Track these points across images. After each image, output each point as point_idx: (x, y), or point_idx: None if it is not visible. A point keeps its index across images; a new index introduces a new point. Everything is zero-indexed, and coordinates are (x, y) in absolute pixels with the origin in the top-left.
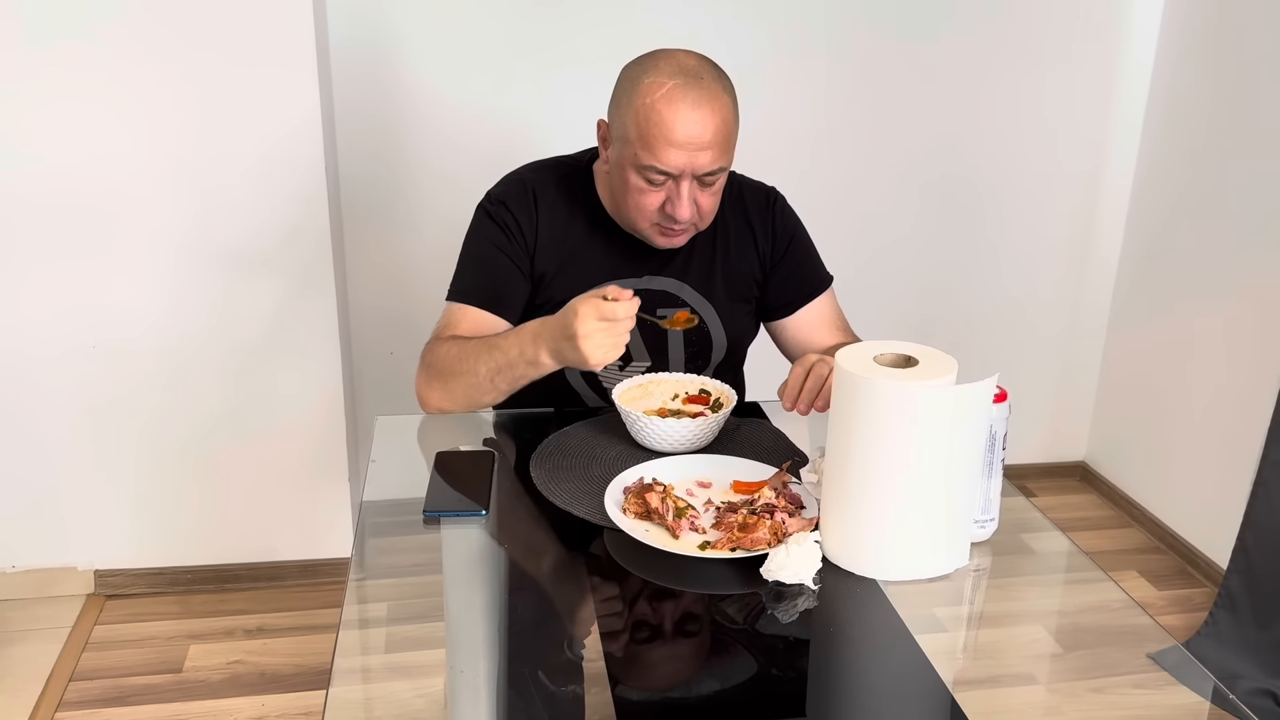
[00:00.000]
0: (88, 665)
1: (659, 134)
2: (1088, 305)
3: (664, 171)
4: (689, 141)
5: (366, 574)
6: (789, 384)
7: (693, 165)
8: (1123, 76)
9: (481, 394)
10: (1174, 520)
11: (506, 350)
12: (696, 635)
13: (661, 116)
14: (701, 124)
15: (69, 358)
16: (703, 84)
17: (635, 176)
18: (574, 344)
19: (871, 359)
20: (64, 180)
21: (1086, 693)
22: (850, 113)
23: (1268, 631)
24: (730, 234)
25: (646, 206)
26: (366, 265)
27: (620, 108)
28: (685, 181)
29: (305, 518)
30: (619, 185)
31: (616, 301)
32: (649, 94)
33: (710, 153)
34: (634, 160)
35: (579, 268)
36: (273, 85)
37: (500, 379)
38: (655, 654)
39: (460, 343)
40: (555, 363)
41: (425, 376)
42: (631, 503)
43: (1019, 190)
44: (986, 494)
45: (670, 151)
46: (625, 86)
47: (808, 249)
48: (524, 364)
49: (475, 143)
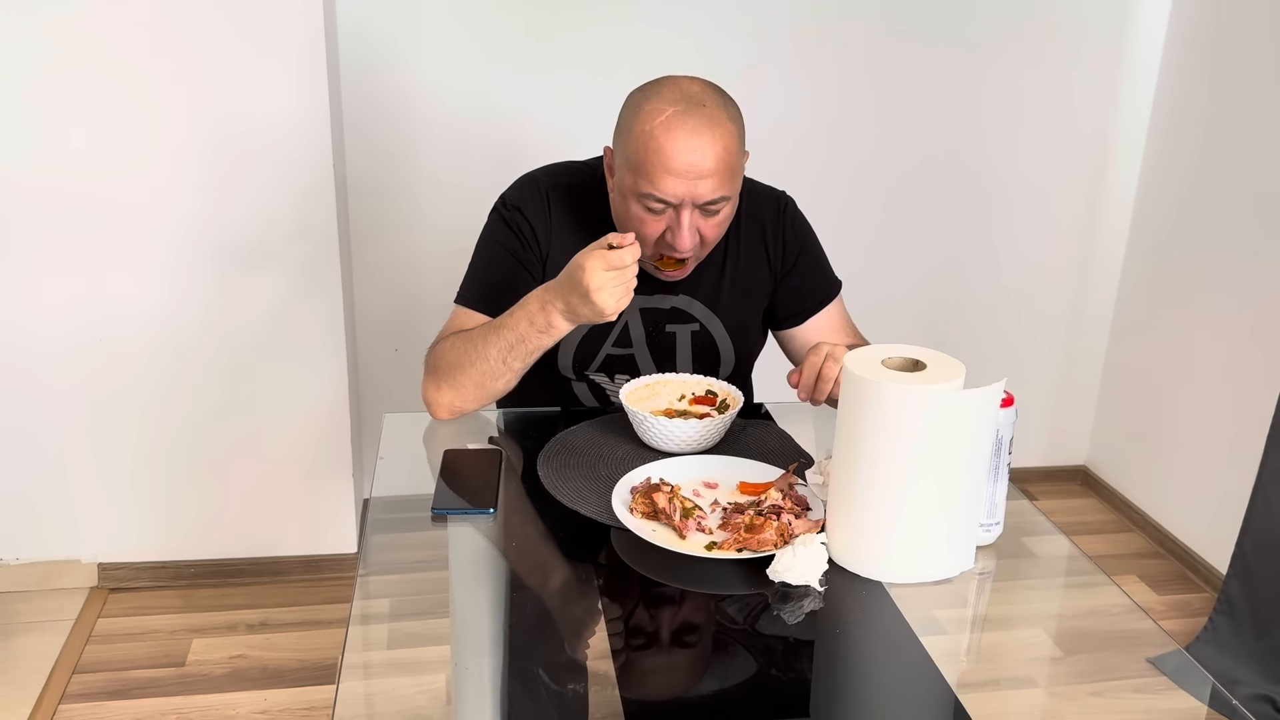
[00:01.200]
0: (91, 658)
1: (657, 162)
2: (1090, 310)
3: (663, 200)
4: (688, 170)
5: (372, 570)
6: (804, 373)
7: (693, 194)
8: (1127, 81)
9: (494, 379)
10: (1174, 525)
11: (515, 326)
12: (702, 635)
13: (660, 144)
14: (701, 151)
15: (74, 351)
16: (704, 111)
17: (636, 205)
18: (587, 298)
19: (879, 362)
20: (69, 174)
21: (1086, 696)
22: (853, 117)
23: (1267, 638)
24: (741, 244)
25: (648, 236)
26: (372, 262)
27: (622, 135)
28: (686, 211)
29: (309, 513)
30: (621, 212)
31: (621, 249)
32: (648, 120)
33: (711, 180)
34: (634, 188)
35: None
36: (281, 81)
37: (513, 356)
38: (661, 654)
39: (462, 336)
40: (569, 323)
41: (433, 380)
42: (639, 502)
43: (1021, 196)
44: (992, 498)
45: (668, 180)
46: (627, 114)
47: (818, 257)
48: (536, 333)
49: (484, 141)
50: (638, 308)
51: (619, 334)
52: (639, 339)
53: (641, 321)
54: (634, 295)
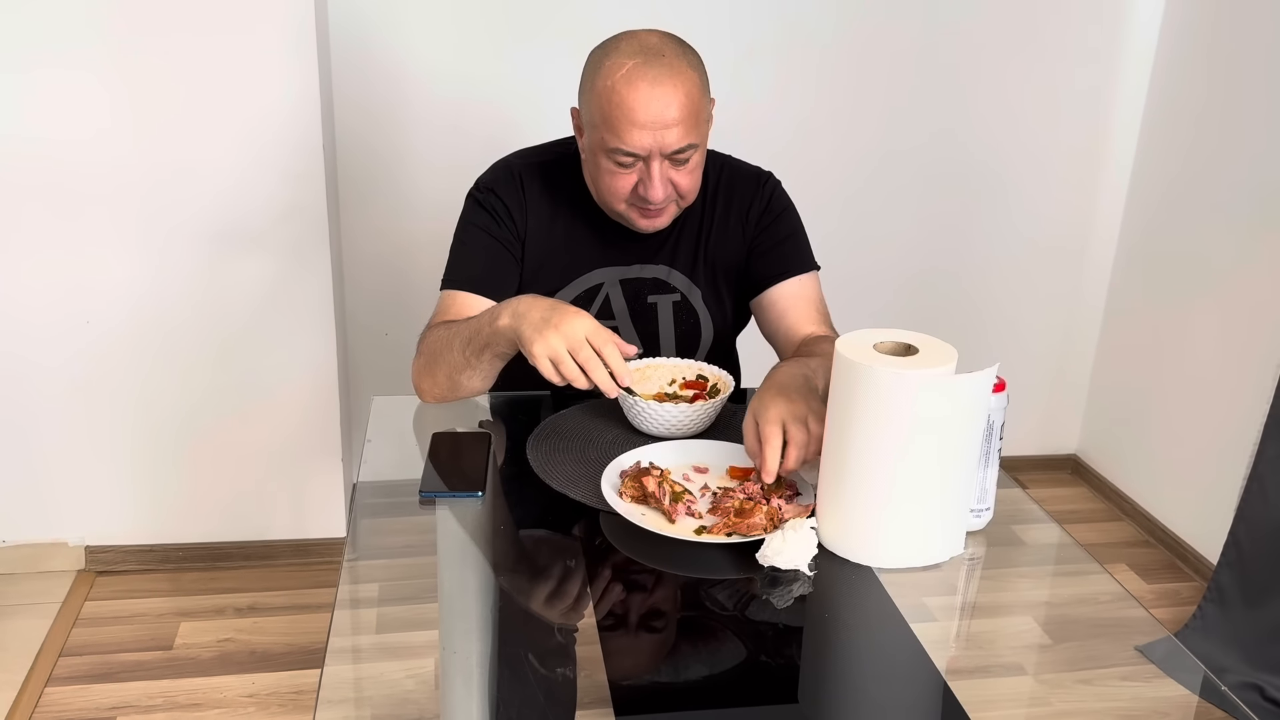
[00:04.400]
0: (77, 641)
1: (621, 115)
2: (1083, 298)
3: (631, 153)
4: (652, 121)
5: (360, 554)
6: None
7: (660, 144)
8: (1123, 68)
9: (459, 371)
10: (1164, 515)
11: (479, 315)
12: (691, 619)
13: (623, 98)
14: (663, 101)
15: (62, 334)
16: (664, 60)
17: (605, 160)
18: (545, 321)
19: (871, 347)
20: (56, 157)
21: (1074, 684)
22: (845, 102)
23: (1256, 626)
24: (716, 217)
25: (620, 189)
26: (362, 245)
27: (586, 93)
28: (655, 161)
29: (298, 497)
30: (593, 170)
31: (615, 384)
32: (609, 75)
33: (677, 130)
34: (602, 144)
35: (567, 254)
36: (271, 61)
37: (469, 349)
38: (649, 638)
39: (445, 325)
40: (510, 329)
41: (418, 366)
42: (628, 486)
43: (1015, 183)
44: (983, 483)
45: (634, 132)
46: (589, 71)
47: (795, 230)
48: (487, 325)
49: (473, 125)
50: (618, 279)
51: (600, 306)
52: (621, 311)
53: (622, 293)
54: (613, 267)
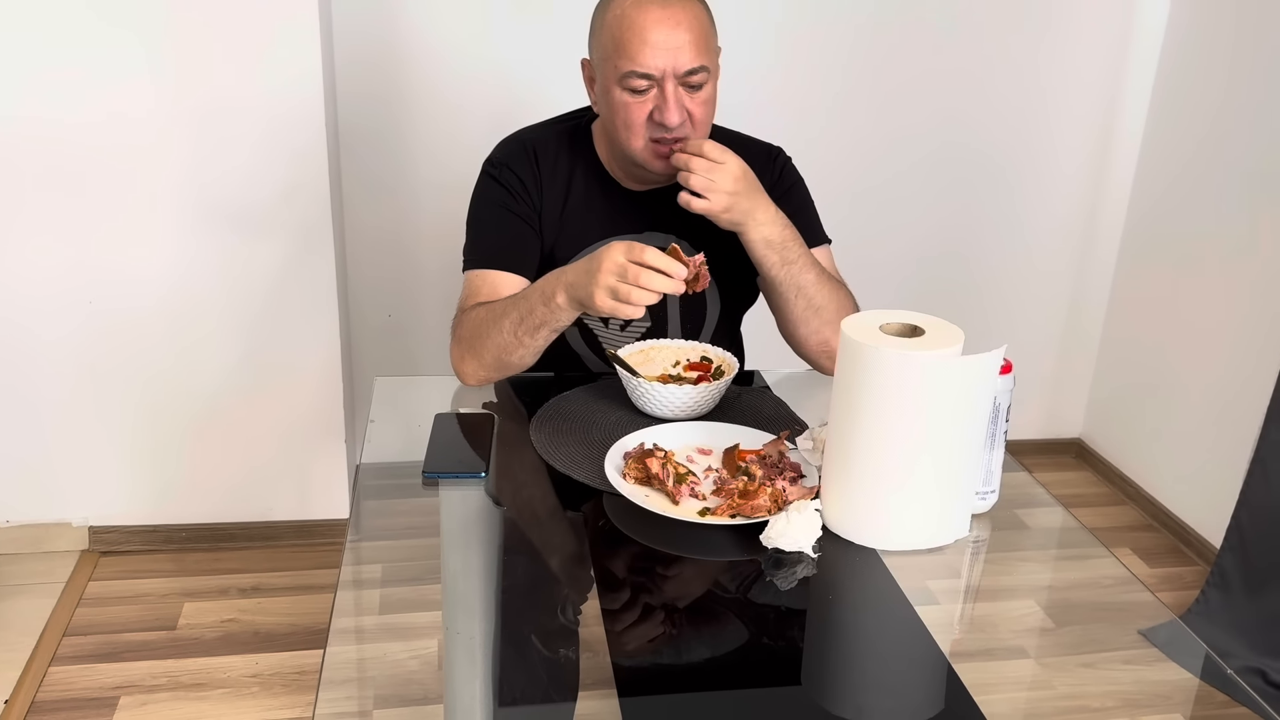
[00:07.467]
0: (81, 621)
1: (634, 37)
2: (1088, 282)
3: (646, 75)
4: (664, 40)
5: (363, 535)
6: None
7: (673, 64)
8: (1133, 46)
9: (509, 352)
10: (1168, 499)
11: (528, 297)
12: (695, 601)
13: (634, 20)
14: (674, 20)
15: (67, 315)
16: None
17: (620, 91)
18: (590, 276)
19: (877, 328)
20: (61, 138)
21: (1077, 667)
22: (853, 82)
23: (1259, 610)
24: None
25: (635, 120)
26: (366, 227)
27: (596, 34)
28: (669, 83)
29: (301, 478)
30: (608, 112)
31: (658, 253)
32: (619, 5)
33: (689, 50)
34: (615, 74)
35: (580, 224)
36: (275, 40)
37: (523, 329)
38: (653, 619)
39: (486, 307)
40: (569, 299)
41: (459, 349)
42: (632, 468)
43: (1022, 167)
44: (988, 465)
45: (647, 51)
46: (598, 13)
47: (805, 203)
48: (541, 306)
49: (478, 104)
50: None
51: None
52: None
53: None
54: (625, 235)
